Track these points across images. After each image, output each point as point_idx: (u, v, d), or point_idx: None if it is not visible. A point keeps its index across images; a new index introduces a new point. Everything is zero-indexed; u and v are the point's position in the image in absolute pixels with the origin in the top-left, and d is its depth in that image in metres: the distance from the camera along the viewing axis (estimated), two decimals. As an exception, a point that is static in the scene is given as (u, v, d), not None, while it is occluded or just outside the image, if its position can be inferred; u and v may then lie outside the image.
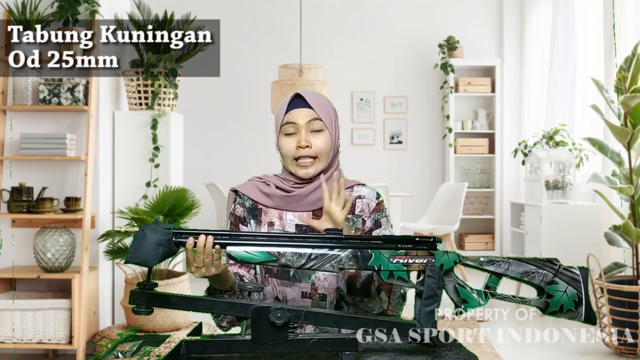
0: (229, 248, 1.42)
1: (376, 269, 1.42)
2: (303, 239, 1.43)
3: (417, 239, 1.43)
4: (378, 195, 1.76)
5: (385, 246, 1.43)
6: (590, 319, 1.43)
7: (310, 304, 1.70)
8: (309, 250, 1.42)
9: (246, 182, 1.77)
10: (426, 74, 7.15)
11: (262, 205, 1.74)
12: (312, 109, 1.66)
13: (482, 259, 1.45)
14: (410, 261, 1.42)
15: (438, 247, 1.44)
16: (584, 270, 1.46)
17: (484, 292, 1.43)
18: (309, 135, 1.66)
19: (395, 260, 1.42)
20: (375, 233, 1.71)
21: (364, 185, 1.78)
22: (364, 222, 1.73)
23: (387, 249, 1.42)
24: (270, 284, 1.72)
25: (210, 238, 1.42)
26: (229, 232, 1.44)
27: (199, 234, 1.42)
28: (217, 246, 1.43)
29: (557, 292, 1.44)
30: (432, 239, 1.43)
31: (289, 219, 1.71)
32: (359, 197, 1.75)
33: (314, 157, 1.67)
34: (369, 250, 1.42)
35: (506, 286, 1.45)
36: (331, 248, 1.42)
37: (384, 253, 1.42)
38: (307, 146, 1.66)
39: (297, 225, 1.71)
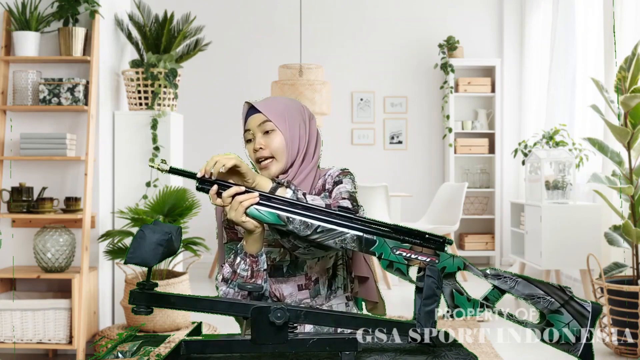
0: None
1: (377, 255, 1.43)
2: (316, 211, 1.46)
3: (427, 235, 1.43)
4: (344, 169, 1.78)
5: (393, 236, 1.43)
6: (587, 358, 1.38)
7: (308, 295, 1.71)
8: (317, 223, 1.44)
9: None
10: (426, 74, 7.15)
11: None
12: (261, 112, 1.72)
13: (488, 271, 1.42)
14: (413, 256, 1.42)
15: (447, 249, 1.44)
16: (597, 307, 1.40)
17: (481, 303, 1.42)
18: (263, 137, 1.72)
19: (398, 252, 1.42)
20: (335, 190, 1.71)
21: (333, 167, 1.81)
22: (329, 192, 1.74)
23: (394, 239, 1.43)
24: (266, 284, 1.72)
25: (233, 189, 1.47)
26: (246, 187, 1.48)
27: (225, 183, 1.48)
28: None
29: (559, 322, 1.39)
30: (442, 239, 1.43)
31: None
32: (329, 175, 1.77)
33: (272, 157, 1.71)
34: (374, 237, 1.43)
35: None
36: (339, 225, 1.44)
37: (389, 242, 1.43)
38: (261, 148, 1.71)
39: None
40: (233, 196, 1.48)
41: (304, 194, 1.55)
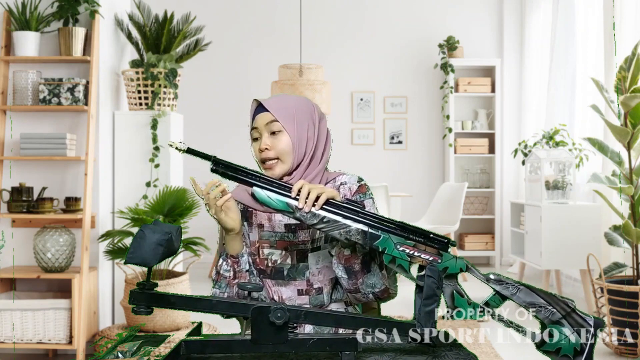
0: (254, 187, 1.48)
1: (380, 250, 1.43)
2: (324, 202, 1.47)
3: (431, 235, 1.43)
4: (360, 179, 1.77)
5: (398, 232, 1.43)
6: None
7: (308, 301, 1.71)
8: (323, 213, 1.45)
9: (236, 187, 1.78)
10: (426, 74, 7.15)
11: (251, 208, 1.75)
12: (269, 112, 1.69)
13: (491, 276, 1.42)
14: (416, 254, 1.42)
15: (450, 250, 1.44)
16: (599, 322, 1.39)
17: (482, 307, 1.41)
18: (270, 137, 1.69)
19: (401, 249, 1.42)
20: None
21: (344, 173, 1.78)
22: None
23: (399, 236, 1.43)
24: (265, 285, 1.72)
25: (221, 186, 1.56)
26: (259, 175, 1.49)
27: (238, 168, 1.50)
28: (224, 188, 1.57)
29: (560, 334, 1.38)
30: (446, 240, 1.43)
31: (277, 220, 1.73)
32: (341, 184, 1.75)
33: (277, 159, 1.69)
34: (379, 231, 1.43)
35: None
36: (345, 217, 1.45)
37: (393, 238, 1.43)
38: (267, 148, 1.69)
39: (285, 225, 1.72)
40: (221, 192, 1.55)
41: None
